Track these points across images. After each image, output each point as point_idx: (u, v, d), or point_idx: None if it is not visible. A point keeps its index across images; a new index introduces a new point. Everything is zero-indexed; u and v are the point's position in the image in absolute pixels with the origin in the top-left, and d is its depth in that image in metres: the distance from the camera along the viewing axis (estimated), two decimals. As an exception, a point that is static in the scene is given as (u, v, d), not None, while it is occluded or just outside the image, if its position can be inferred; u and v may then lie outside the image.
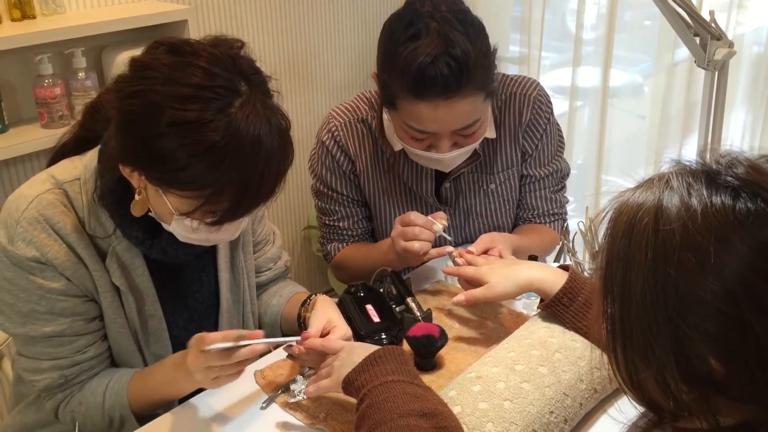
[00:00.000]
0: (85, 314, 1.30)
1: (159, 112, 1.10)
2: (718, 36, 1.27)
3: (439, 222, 1.54)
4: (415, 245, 1.51)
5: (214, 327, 1.47)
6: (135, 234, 1.28)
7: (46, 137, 2.02)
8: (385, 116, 1.67)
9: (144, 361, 1.39)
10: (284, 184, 1.21)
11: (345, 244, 1.81)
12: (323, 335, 1.31)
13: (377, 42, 1.55)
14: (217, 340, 1.19)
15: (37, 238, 1.23)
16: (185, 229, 1.22)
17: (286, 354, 1.32)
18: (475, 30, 1.48)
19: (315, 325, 1.32)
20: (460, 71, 1.42)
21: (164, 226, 1.25)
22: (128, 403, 1.32)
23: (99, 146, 1.29)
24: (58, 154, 1.37)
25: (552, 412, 1.16)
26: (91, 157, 1.29)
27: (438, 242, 1.57)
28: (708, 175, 0.77)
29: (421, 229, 1.52)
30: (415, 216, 1.54)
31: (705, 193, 0.76)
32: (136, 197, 1.24)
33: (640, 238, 0.77)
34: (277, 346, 1.41)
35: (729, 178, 0.76)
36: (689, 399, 0.78)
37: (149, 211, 1.25)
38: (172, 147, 1.10)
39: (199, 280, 1.43)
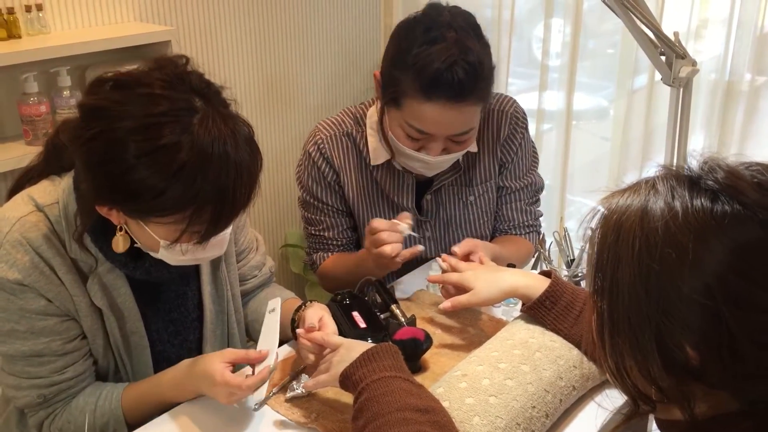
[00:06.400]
0: (64, 334, 1.31)
1: (123, 147, 1.11)
2: (683, 54, 1.37)
3: (403, 222, 1.58)
4: (386, 249, 1.55)
5: (199, 340, 1.50)
6: (118, 257, 1.30)
7: (31, 154, 2.02)
8: (370, 131, 1.72)
9: (121, 376, 1.41)
10: (259, 188, 1.23)
11: (330, 254, 1.86)
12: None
13: (388, 41, 1.62)
14: (253, 386, 1.25)
15: (21, 261, 1.24)
16: (175, 254, 1.24)
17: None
18: (486, 45, 1.58)
19: (310, 320, 1.38)
20: (474, 78, 1.50)
21: (153, 255, 1.26)
22: (123, 419, 1.34)
23: (74, 174, 1.29)
24: (22, 184, 1.37)
25: (534, 407, 1.23)
26: (68, 180, 1.29)
27: (407, 241, 1.61)
28: (690, 179, 0.84)
29: (388, 233, 1.56)
30: (377, 223, 1.58)
31: (687, 195, 0.82)
32: (117, 234, 1.25)
33: (627, 235, 0.84)
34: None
35: (710, 182, 0.82)
36: (668, 386, 0.85)
37: (134, 244, 1.27)
38: (143, 177, 1.12)
39: (184, 294, 1.46)
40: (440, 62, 1.49)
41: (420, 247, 1.60)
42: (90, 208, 1.23)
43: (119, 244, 1.26)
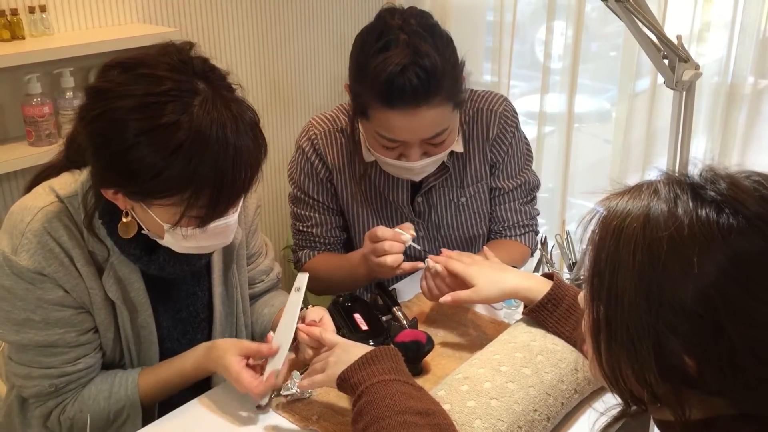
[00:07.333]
0: (79, 326, 1.33)
1: (123, 126, 1.13)
2: (686, 58, 1.37)
3: (407, 232, 1.57)
4: (388, 260, 1.54)
5: (207, 339, 1.50)
6: (133, 251, 1.31)
7: (34, 155, 2.06)
8: (360, 127, 1.70)
9: (125, 368, 1.42)
10: (262, 174, 1.24)
11: (317, 252, 1.83)
12: None
13: (349, 55, 1.60)
14: (262, 394, 1.31)
15: (41, 251, 1.26)
16: (178, 239, 1.25)
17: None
18: (444, 42, 1.53)
19: (311, 317, 1.40)
20: (428, 81, 1.46)
21: (160, 241, 1.28)
22: (140, 405, 1.37)
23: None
24: (39, 179, 1.38)
25: (536, 410, 1.23)
26: (87, 174, 1.31)
27: (408, 252, 1.59)
28: (693, 187, 0.83)
29: (390, 243, 1.54)
30: (382, 231, 1.56)
31: (691, 205, 0.81)
32: (123, 220, 1.26)
33: (628, 242, 0.83)
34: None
35: (712, 193, 0.81)
36: (663, 392, 0.84)
37: (141, 230, 1.28)
38: (142, 155, 1.13)
39: (194, 294, 1.47)
40: (392, 69, 1.46)
41: (421, 264, 1.57)
42: (97, 192, 1.25)
43: (123, 229, 1.27)
